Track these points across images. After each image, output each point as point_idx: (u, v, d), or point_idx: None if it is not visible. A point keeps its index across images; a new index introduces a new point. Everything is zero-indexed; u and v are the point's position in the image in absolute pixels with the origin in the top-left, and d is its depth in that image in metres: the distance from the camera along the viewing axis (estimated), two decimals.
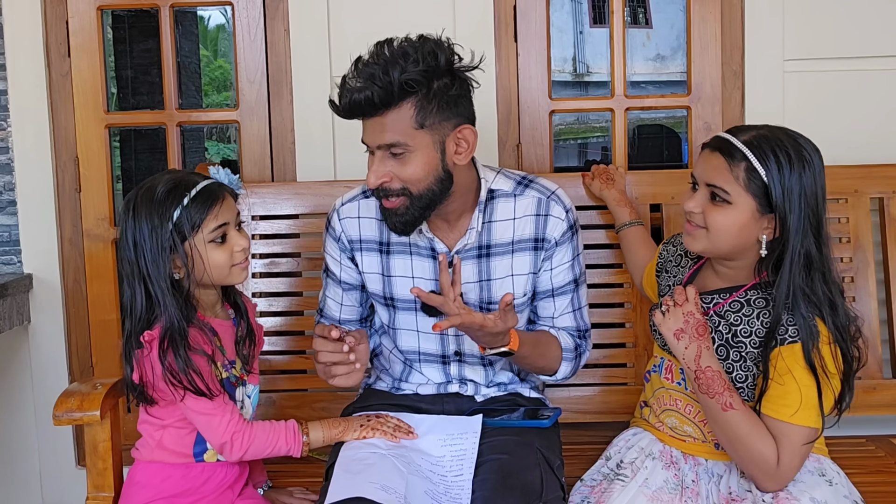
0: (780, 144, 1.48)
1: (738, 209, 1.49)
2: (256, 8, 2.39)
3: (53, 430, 2.40)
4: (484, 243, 1.72)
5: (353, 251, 1.79)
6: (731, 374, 1.55)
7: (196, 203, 1.51)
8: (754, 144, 1.48)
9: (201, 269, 1.53)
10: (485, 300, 1.74)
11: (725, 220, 1.50)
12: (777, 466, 1.48)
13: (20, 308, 2.38)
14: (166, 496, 1.58)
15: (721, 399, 1.49)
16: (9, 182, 2.43)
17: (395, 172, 1.58)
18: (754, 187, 1.48)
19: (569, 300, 1.78)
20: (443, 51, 1.55)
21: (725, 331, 1.56)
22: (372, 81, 1.50)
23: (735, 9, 2.32)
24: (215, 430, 1.53)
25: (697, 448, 1.64)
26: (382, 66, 1.50)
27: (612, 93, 2.38)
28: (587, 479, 1.71)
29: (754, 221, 1.50)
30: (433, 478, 1.54)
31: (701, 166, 1.55)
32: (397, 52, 1.52)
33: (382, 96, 1.51)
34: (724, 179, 1.49)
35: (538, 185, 1.75)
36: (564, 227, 1.73)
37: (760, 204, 1.48)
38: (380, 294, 1.79)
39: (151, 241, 1.50)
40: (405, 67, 1.50)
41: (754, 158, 1.47)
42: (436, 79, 1.54)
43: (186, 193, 1.51)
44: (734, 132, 1.53)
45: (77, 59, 2.41)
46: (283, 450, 1.58)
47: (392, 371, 1.87)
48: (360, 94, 1.52)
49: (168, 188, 1.52)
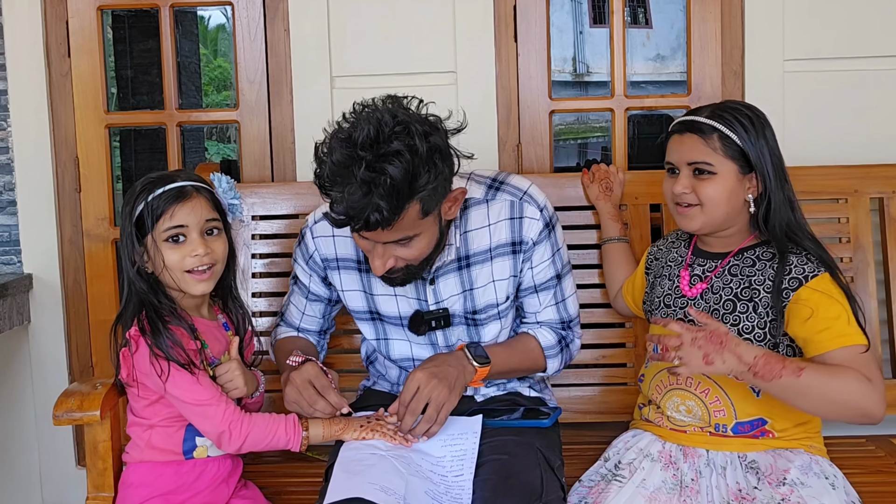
0: (738, 111, 1.63)
1: (723, 177, 1.61)
2: (256, 8, 2.39)
3: (53, 430, 2.40)
4: (462, 255, 1.71)
5: (326, 270, 1.79)
6: (738, 326, 1.60)
7: (160, 199, 1.54)
8: (718, 115, 1.63)
9: (159, 266, 1.55)
10: (469, 310, 1.74)
11: (715, 190, 1.61)
12: (871, 384, 1.47)
13: (20, 308, 2.38)
14: (161, 493, 1.58)
15: (788, 370, 1.46)
16: (9, 182, 2.43)
17: (400, 256, 1.56)
18: (731, 152, 1.61)
19: (552, 294, 1.78)
20: (423, 135, 1.45)
21: (735, 286, 1.63)
22: (377, 211, 1.42)
23: (735, 9, 2.32)
24: (212, 420, 1.53)
25: (698, 438, 1.64)
26: (384, 192, 1.41)
27: (612, 93, 2.38)
28: (585, 479, 1.71)
29: (739, 183, 1.62)
30: (434, 478, 1.54)
31: (676, 150, 1.67)
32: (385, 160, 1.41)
33: (390, 218, 1.44)
34: (704, 153, 1.62)
35: (510, 186, 1.74)
36: (540, 227, 1.72)
37: (740, 166, 1.61)
38: (363, 310, 1.79)
39: (122, 227, 1.56)
40: (410, 186, 1.43)
41: (724, 127, 1.61)
42: (432, 171, 1.46)
43: (159, 188, 1.54)
44: (693, 112, 1.67)
45: (77, 59, 2.41)
46: (281, 442, 1.57)
47: (388, 376, 1.87)
48: (365, 221, 1.43)
49: (147, 181, 1.57)
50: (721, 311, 1.63)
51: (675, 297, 1.71)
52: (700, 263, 1.71)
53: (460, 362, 1.66)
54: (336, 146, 1.46)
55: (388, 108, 1.49)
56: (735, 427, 1.62)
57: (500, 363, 1.72)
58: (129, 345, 1.54)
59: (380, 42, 2.35)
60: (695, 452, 1.63)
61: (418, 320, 1.72)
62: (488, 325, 1.76)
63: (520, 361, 1.78)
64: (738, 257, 1.66)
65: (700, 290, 1.68)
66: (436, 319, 1.72)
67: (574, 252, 2.04)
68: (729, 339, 1.46)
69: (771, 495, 1.51)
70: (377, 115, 1.46)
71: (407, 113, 1.49)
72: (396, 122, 1.45)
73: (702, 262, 1.71)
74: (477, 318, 1.75)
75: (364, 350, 1.93)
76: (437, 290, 1.72)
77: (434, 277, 1.70)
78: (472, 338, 1.77)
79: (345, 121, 1.50)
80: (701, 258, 1.72)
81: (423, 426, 1.59)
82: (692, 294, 1.69)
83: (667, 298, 1.73)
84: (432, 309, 1.72)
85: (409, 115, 1.48)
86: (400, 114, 1.47)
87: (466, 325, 1.76)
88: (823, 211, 2.08)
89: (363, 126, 1.44)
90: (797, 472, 1.54)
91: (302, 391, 1.61)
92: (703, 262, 1.71)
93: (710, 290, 1.66)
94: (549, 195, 1.78)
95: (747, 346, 1.48)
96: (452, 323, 1.74)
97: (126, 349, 1.55)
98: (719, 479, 1.59)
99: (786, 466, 1.56)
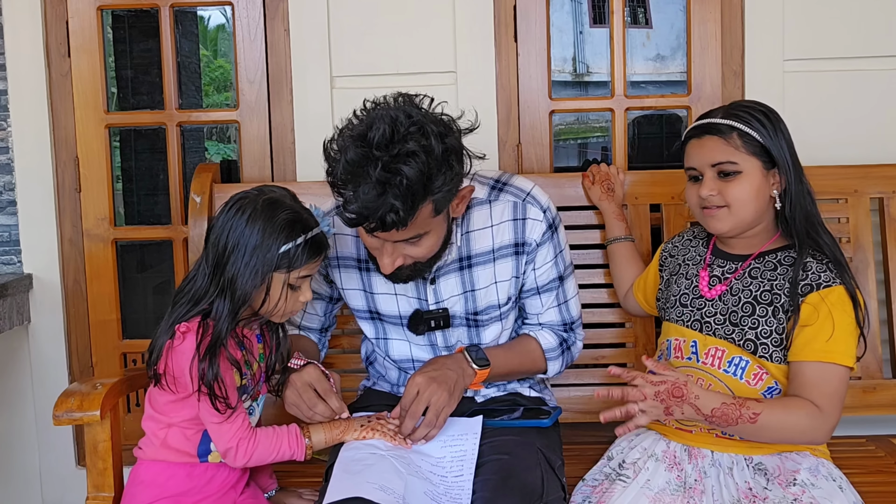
0: (752, 109, 1.62)
1: (749, 175, 1.60)
2: (256, 8, 2.39)
3: (53, 430, 2.40)
4: (464, 255, 1.71)
5: (327, 268, 1.79)
6: (757, 329, 1.59)
7: (305, 248, 1.50)
8: (734, 114, 1.62)
9: (272, 302, 1.52)
10: (470, 310, 1.74)
11: (742, 189, 1.60)
12: (821, 413, 1.50)
13: (20, 308, 2.38)
14: (170, 495, 1.57)
15: (743, 418, 1.49)
16: (9, 182, 2.43)
17: (409, 254, 1.56)
18: (753, 148, 1.59)
19: (554, 296, 1.78)
20: (439, 136, 1.45)
21: (755, 289, 1.62)
22: (392, 211, 1.42)
23: (735, 9, 2.32)
24: (223, 436, 1.53)
25: (703, 439, 1.63)
26: (399, 193, 1.41)
27: (612, 93, 2.38)
28: (589, 478, 1.71)
29: (764, 180, 1.61)
30: (433, 479, 1.54)
31: (697, 154, 1.64)
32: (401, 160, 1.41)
33: (405, 218, 1.44)
34: (727, 153, 1.60)
35: (513, 187, 1.73)
36: (543, 228, 1.72)
37: (763, 161, 1.60)
38: (363, 309, 1.79)
39: (253, 256, 1.48)
40: (425, 187, 1.43)
41: (742, 125, 1.60)
42: (448, 172, 1.46)
43: (303, 234, 1.49)
44: (706, 115, 1.66)
45: (77, 59, 2.41)
46: (286, 455, 1.58)
47: (388, 377, 1.87)
48: (381, 220, 1.43)
49: (290, 219, 1.50)
50: (740, 314, 1.62)
51: (693, 298, 1.70)
52: (720, 264, 1.69)
53: (460, 365, 1.66)
54: (349, 145, 1.45)
55: (401, 106, 1.48)
56: None
57: (500, 366, 1.72)
58: (175, 336, 1.50)
59: (380, 42, 2.35)
60: (699, 453, 1.63)
61: (417, 319, 1.72)
62: (489, 327, 1.76)
63: (520, 364, 1.78)
64: (759, 260, 1.65)
65: (719, 293, 1.66)
66: (435, 319, 1.72)
67: (575, 252, 2.04)
68: (688, 390, 1.49)
69: (782, 495, 1.51)
70: (391, 113, 1.45)
71: (421, 112, 1.47)
72: (411, 122, 1.44)
73: (721, 264, 1.69)
74: (478, 320, 1.75)
75: (364, 350, 1.93)
76: (437, 290, 1.71)
77: (434, 277, 1.70)
78: (473, 339, 1.76)
79: (356, 118, 1.49)
80: (721, 259, 1.70)
81: (423, 430, 1.59)
82: (711, 295, 1.67)
83: (683, 298, 1.72)
84: (432, 309, 1.72)
85: (424, 115, 1.47)
86: (414, 113, 1.46)
87: (467, 326, 1.75)
88: (824, 211, 2.05)
89: (378, 125, 1.43)
90: (807, 474, 1.55)
91: (302, 394, 1.61)
92: (723, 262, 1.69)
93: (730, 293, 1.65)
94: (550, 195, 1.77)
95: (707, 396, 1.50)
96: (453, 324, 1.74)
97: (171, 340, 1.51)
98: (727, 478, 1.58)
99: (794, 468, 1.57)
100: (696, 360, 1.65)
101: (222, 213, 1.53)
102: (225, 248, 1.50)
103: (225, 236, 1.50)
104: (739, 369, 1.60)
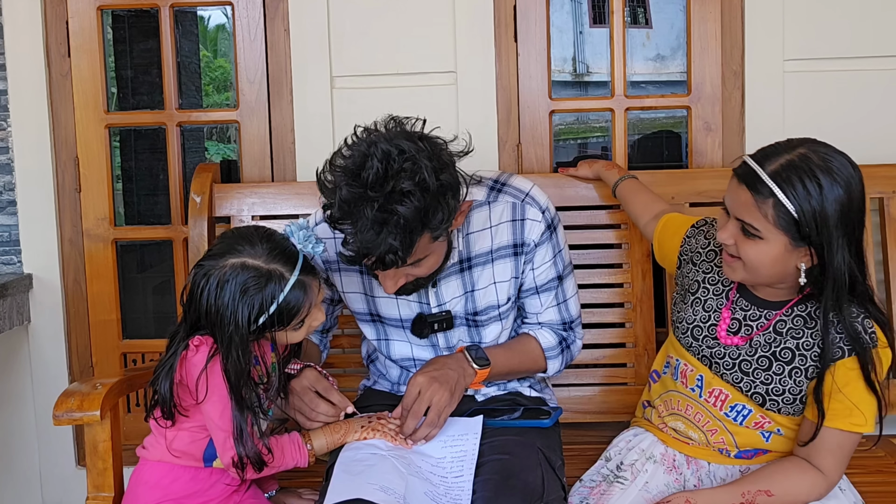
0: (810, 172, 1.39)
1: (770, 244, 1.43)
2: (256, 8, 2.39)
3: (53, 430, 2.40)
4: (464, 257, 1.71)
5: (328, 271, 1.79)
6: (769, 385, 1.53)
7: (288, 303, 1.46)
8: (781, 176, 1.39)
9: (282, 341, 1.54)
10: (470, 311, 1.74)
11: (759, 254, 1.45)
12: (825, 480, 1.49)
13: (20, 308, 2.38)
14: (174, 498, 1.57)
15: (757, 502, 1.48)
16: (9, 182, 2.43)
17: (411, 273, 1.57)
18: (784, 223, 1.40)
19: (553, 295, 1.78)
20: (433, 171, 1.43)
21: (776, 345, 1.53)
22: (390, 251, 1.43)
23: (735, 9, 2.32)
24: (229, 450, 1.52)
25: (701, 451, 1.63)
26: (396, 232, 1.41)
27: (612, 93, 2.37)
28: (586, 479, 1.71)
29: (788, 253, 1.44)
30: (433, 479, 1.54)
31: (730, 198, 1.48)
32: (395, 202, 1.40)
33: (404, 256, 1.45)
34: (753, 216, 1.43)
35: (511, 187, 1.73)
36: (542, 228, 1.72)
37: (793, 238, 1.41)
38: (364, 312, 1.79)
39: (236, 335, 1.45)
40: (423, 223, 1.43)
41: (781, 194, 1.39)
42: (444, 208, 1.46)
43: (281, 290, 1.45)
44: (762, 158, 1.44)
45: (77, 59, 2.41)
46: (289, 464, 1.58)
47: (389, 376, 1.87)
48: (380, 260, 1.44)
49: (258, 285, 1.44)
50: (753, 366, 1.54)
51: (708, 337, 1.60)
52: (743, 307, 1.57)
53: (460, 365, 1.66)
54: (342, 183, 1.43)
55: (393, 137, 1.45)
56: (738, 454, 1.61)
57: (500, 365, 1.72)
58: (189, 348, 1.50)
59: (380, 42, 2.35)
60: (697, 462, 1.63)
61: (421, 323, 1.72)
62: (489, 327, 1.76)
63: (520, 363, 1.78)
64: (789, 313, 1.53)
65: (737, 343, 1.56)
66: (438, 322, 1.72)
67: (575, 252, 2.04)
68: (695, 496, 1.49)
69: None
70: (383, 147, 1.43)
71: (414, 146, 1.44)
72: (404, 158, 1.42)
73: (745, 307, 1.57)
74: (478, 320, 1.75)
75: (364, 349, 1.93)
76: (439, 293, 1.72)
77: (436, 280, 1.70)
78: (473, 339, 1.77)
79: (347, 147, 1.47)
80: (745, 300, 1.58)
81: (425, 430, 1.59)
82: (727, 343, 1.57)
83: (696, 331, 1.62)
84: (434, 311, 1.72)
85: (417, 149, 1.44)
86: (407, 147, 1.43)
87: (467, 326, 1.76)
88: None
89: (370, 162, 1.41)
90: None
91: (303, 397, 1.61)
92: (747, 306, 1.57)
93: (749, 344, 1.55)
94: (550, 195, 1.78)
95: (709, 497, 1.49)
96: (454, 324, 1.74)
97: (185, 352, 1.50)
98: None
99: None
100: (699, 393, 1.62)
101: (195, 285, 1.47)
102: (218, 309, 1.46)
103: (205, 311, 1.47)
104: (741, 416, 1.57)
